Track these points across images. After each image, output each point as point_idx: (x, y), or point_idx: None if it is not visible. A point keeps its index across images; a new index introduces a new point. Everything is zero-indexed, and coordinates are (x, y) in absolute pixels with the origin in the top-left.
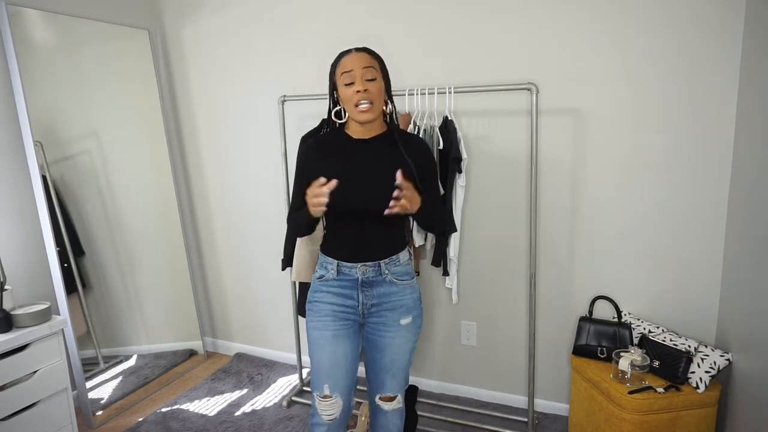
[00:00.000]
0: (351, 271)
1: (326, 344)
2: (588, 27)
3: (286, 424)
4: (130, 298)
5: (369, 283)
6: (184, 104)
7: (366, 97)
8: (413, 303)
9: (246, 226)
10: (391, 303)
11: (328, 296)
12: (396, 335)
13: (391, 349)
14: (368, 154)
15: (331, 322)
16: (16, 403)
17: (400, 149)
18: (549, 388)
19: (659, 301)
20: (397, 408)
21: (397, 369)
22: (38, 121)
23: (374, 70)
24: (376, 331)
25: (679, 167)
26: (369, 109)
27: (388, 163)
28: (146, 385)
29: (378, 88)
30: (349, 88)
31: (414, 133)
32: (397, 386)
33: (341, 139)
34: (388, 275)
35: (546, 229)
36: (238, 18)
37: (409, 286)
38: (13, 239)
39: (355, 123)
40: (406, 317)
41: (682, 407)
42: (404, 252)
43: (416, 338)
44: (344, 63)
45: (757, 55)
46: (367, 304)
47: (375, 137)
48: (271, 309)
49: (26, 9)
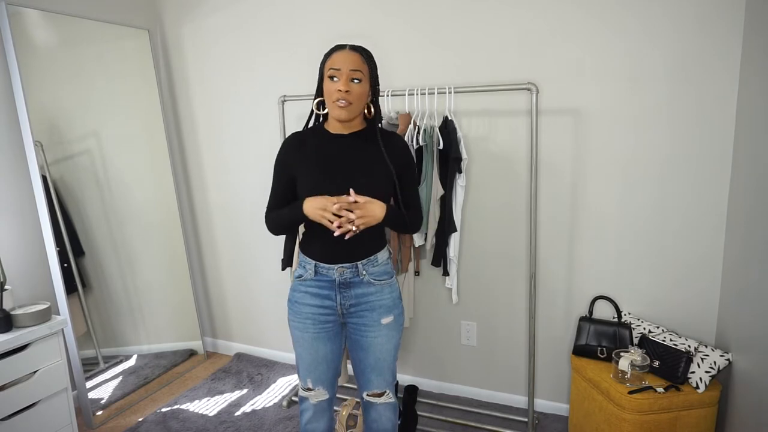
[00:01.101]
0: (328, 272)
1: (307, 345)
2: (588, 27)
3: (286, 424)
4: (130, 298)
5: (346, 284)
6: (184, 104)
7: (345, 97)
8: (392, 302)
9: (246, 226)
10: (370, 303)
11: (306, 297)
12: (378, 335)
13: (375, 348)
14: (345, 149)
15: (311, 325)
16: (16, 403)
17: (379, 146)
18: (549, 388)
19: (659, 301)
20: (387, 402)
21: (382, 367)
22: (38, 121)
23: (361, 74)
24: (357, 332)
25: (679, 167)
26: (345, 107)
27: (364, 159)
28: (146, 385)
29: (360, 92)
30: (333, 83)
31: (396, 132)
32: (384, 382)
33: (320, 134)
34: (366, 276)
35: (546, 229)
36: (238, 17)
37: (388, 285)
38: (13, 239)
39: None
40: (386, 317)
41: (682, 407)
42: (383, 252)
43: (399, 335)
44: (334, 59)
45: (757, 55)
46: (345, 304)
47: (353, 133)
48: (271, 309)
49: (26, 9)
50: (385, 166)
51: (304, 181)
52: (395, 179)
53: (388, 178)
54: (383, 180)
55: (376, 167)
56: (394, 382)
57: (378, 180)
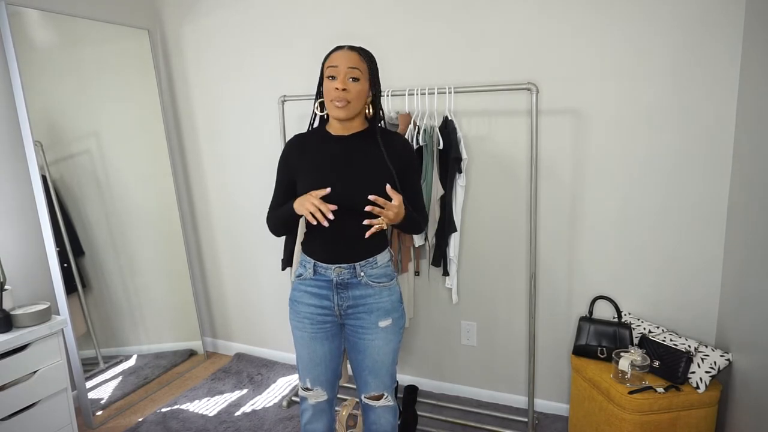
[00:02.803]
0: (326, 272)
1: (305, 344)
2: (588, 27)
3: (286, 424)
4: (130, 298)
5: (344, 285)
6: (183, 104)
7: (343, 96)
8: (392, 305)
9: (246, 226)
10: (367, 306)
11: (305, 296)
12: (375, 337)
13: (372, 350)
14: (346, 150)
15: (309, 325)
16: (16, 403)
17: (380, 147)
18: (549, 388)
19: (659, 301)
20: (386, 405)
21: (380, 369)
22: (38, 121)
23: (359, 72)
24: (355, 333)
25: (679, 167)
26: (343, 107)
27: (369, 161)
28: (146, 385)
29: (359, 90)
30: (331, 82)
31: (398, 132)
32: (382, 385)
33: (321, 135)
34: (364, 277)
35: (546, 229)
36: (238, 17)
37: (387, 288)
38: (13, 239)
39: (334, 119)
40: (384, 320)
41: (682, 407)
42: (383, 254)
43: (399, 338)
44: (333, 57)
45: (757, 55)
46: (342, 305)
47: (354, 134)
48: (271, 309)
49: (26, 9)
50: (385, 167)
51: (304, 182)
52: (395, 180)
53: (389, 179)
54: (383, 181)
55: (376, 168)
56: (393, 386)
57: (378, 181)
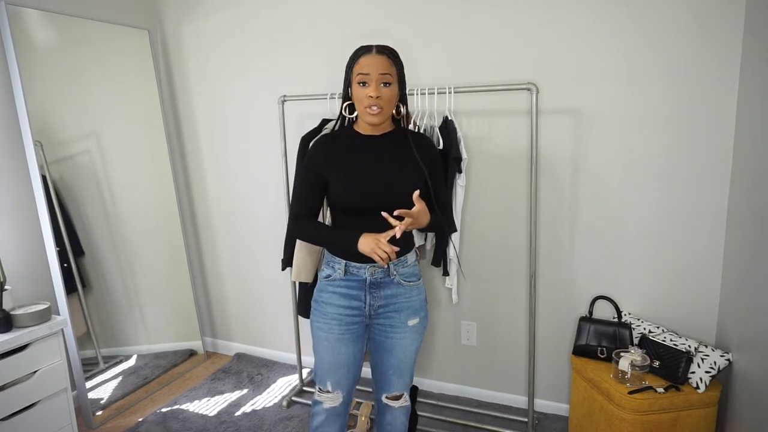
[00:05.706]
0: (359, 271)
1: (330, 346)
2: (588, 27)
3: (286, 424)
4: (130, 298)
5: (377, 284)
6: (184, 104)
7: (377, 103)
8: (420, 304)
9: (246, 226)
10: (398, 304)
11: (334, 297)
12: (404, 336)
13: (399, 349)
14: (379, 152)
15: (337, 326)
16: (16, 403)
17: (411, 148)
18: (549, 388)
19: (659, 301)
20: (404, 406)
21: (404, 368)
22: (38, 121)
23: (390, 77)
24: (383, 333)
25: (679, 167)
26: (378, 113)
27: (400, 162)
28: (146, 385)
29: (391, 95)
30: (362, 88)
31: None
32: (404, 385)
33: (351, 135)
34: (396, 276)
35: (546, 229)
36: (238, 17)
37: (416, 287)
38: (13, 239)
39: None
40: (413, 318)
41: (683, 407)
42: (412, 253)
43: (422, 338)
44: (362, 63)
45: (757, 55)
46: (374, 305)
47: (384, 134)
48: (271, 309)
49: (26, 9)
50: (418, 168)
51: (337, 185)
52: (428, 180)
53: (421, 179)
54: (416, 182)
55: (409, 169)
56: (410, 386)
57: (411, 182)
